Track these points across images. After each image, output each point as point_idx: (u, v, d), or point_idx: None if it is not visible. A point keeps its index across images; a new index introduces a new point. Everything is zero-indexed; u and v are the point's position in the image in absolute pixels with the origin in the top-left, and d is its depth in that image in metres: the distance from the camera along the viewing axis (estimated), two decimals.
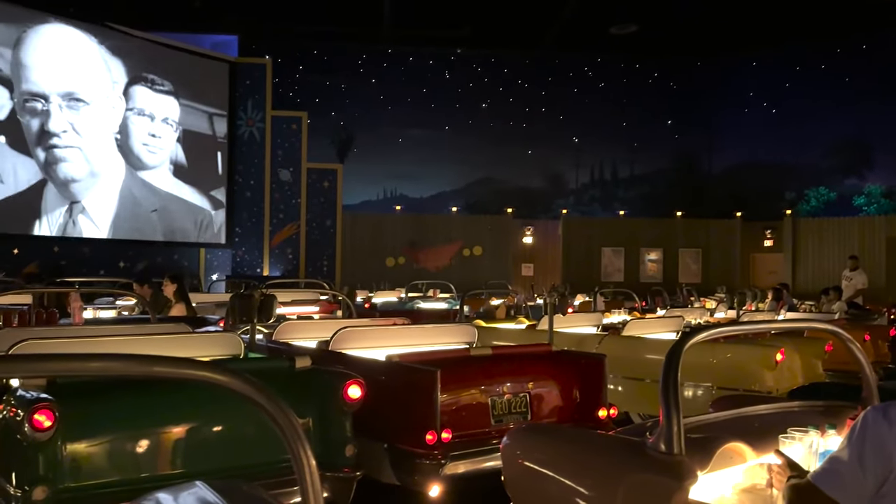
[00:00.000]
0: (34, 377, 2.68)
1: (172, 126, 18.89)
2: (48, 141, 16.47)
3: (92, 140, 17.22)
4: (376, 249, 21.99)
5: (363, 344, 4.93)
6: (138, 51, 18.12)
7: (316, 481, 1.28)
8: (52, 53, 16.57)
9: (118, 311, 8.92)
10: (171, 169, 18.94)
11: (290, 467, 3.40)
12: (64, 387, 3.01)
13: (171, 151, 18.94)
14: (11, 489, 2.93)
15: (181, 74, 18.92)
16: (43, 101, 16.33)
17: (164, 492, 1.68)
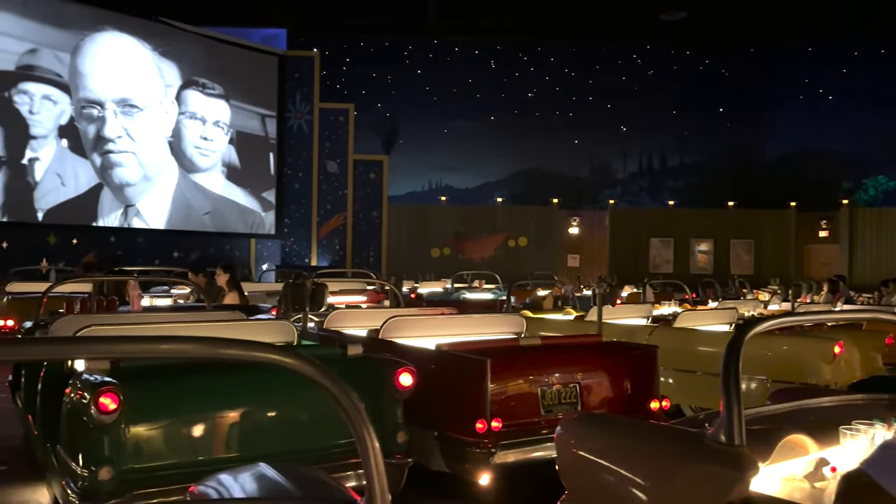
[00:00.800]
0: (111, 358, 2.77)
1: (224, 128, 19.29)
2: (103, 146, 16.99)
3: (146, 145, 17.70)
4: (421, 240, 22.09)
5: (412, 333, 4.97)
6: (190, 53, 18.47)
7: (380, 462, 1.31)
8: (108, 61, 17.04)
9: (174, 299, 9.16)
10: (224, 171, 19.37)
11: (346, 451, 3.47)
12: (127, 371, 3.11)
13: (223, 153, 19.34)
14: (78, 469, 3.04)
15: (231, 72, 19.27)
16: (98, 108, 16.87)
17: (227, 473, 1.72)
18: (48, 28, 16.16)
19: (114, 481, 2.92)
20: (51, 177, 16.36)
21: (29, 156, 16.03)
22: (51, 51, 16.26)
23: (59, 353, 1.25)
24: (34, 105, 16.07)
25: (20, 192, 15.85)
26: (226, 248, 19.52)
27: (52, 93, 16.32)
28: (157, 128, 17.92)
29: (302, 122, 20.81)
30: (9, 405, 6.28)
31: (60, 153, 16.46)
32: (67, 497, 3.02)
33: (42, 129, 16.22)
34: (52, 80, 16.32)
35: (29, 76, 16.01)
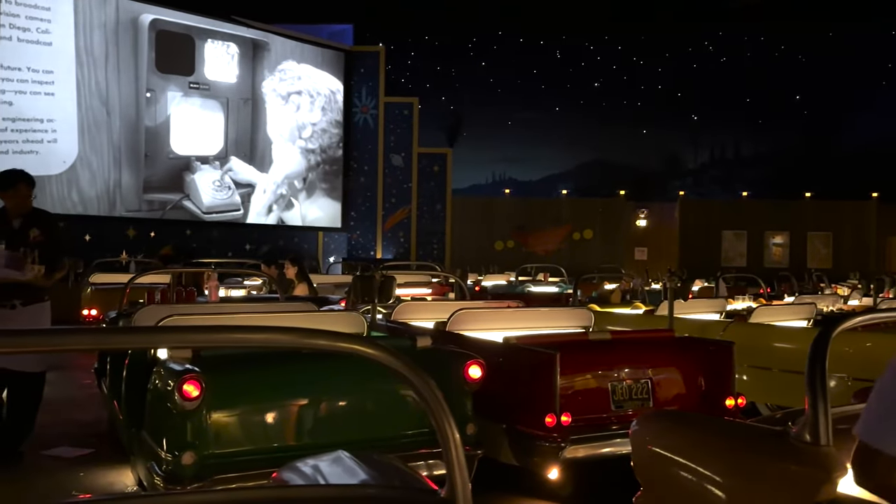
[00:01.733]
0: (203, 347, 2.87)
1: (296, 122, 19.69)
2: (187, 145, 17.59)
3: (220, 140, 18.20)
4: (485, 233, 22.08)
5: (479, 325, 4.97)
6: (264, 50, 18.88)
7: (461, 453, 1.31)
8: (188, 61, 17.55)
9: (247, 290, 9.44)
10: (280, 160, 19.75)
11: (416, 440, 3.50)
12: (209, 359, 3.22)
13: (296, 147, 19.75)
14: (162, 453, 3.17)
15: (302, 67, 19.68)
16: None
17: (307, 460, 1.76)
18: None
19: (196, 466, 3.03)
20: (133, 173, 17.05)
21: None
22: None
23: (155, 342, 1.30)
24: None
25: (103, 187, 16.53)
26: (294, 240, 19.96)
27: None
28: (236, 123, 18.44)
29: (367, 116, 21.07)
30: (95, 391, 6.61)
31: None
32: (152, 480, 3.15)
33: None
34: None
35: None
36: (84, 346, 1.13)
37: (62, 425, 5.69)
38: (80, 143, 15.80)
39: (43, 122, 15.26)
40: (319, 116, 20.19)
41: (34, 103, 15.18)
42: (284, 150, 19.44)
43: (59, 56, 15.37)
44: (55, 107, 15.39)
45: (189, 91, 17.42)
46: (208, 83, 17.70)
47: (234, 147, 18.35)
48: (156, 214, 17.16)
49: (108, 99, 16.09)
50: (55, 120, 15.40)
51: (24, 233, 4.65)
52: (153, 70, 16.76)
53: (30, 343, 1.15)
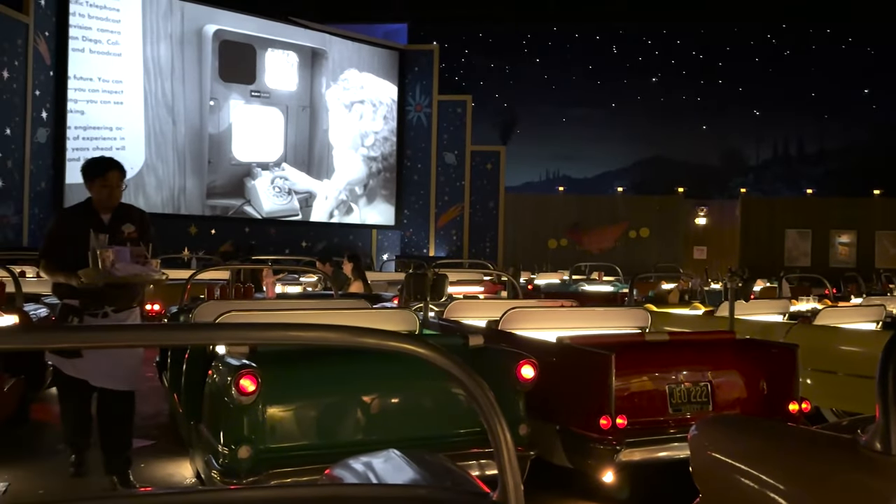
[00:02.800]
0: (259, 344, 2.91)
1: (352, 122, 19.98)
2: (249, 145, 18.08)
3: (279, 141, 18.64)
4: (538, 231, 21.91)
5: (532, 325, 4.92)
6: (321, 51, 19.18)
7: (513, 455, 1.29)
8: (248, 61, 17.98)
9: (303, 286, 9.58)
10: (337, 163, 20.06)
11: (466, 440, 3.48)
12: (265, 355, 3.27)
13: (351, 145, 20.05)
14: (219, 447, 3.23)
15: (357, 67, 19.92)
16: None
17: (360, 458, 1.76)
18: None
19: (252, 460, 3.09)
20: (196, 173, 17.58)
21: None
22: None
23: (211, 338, 1.32)
24: None
25: (168, 193, 17.09)
26: (349, 238, 20.22)
27: None
28: (295, 130, 18.79)
29: (421, 114, 21.16)
30: (156, 384, 6.81)
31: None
32: (209, 473, 3.22)
33: None
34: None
35: None
36: (145, 343, 1.15)
37: None
38: (146, 150, 16.37)
39: (112, 131, 15.88)
40: (382, 125, 20.44)
41: (104, 112, 15.82)
42: (346, 157, 19.77)
43: (127, 66, 15.96)
44: (123, 115, 15.99)
45: (250, 99, 17.89)
46: (269, 91, 18.13)
47: (292, 153, 18.74)
48: (239, 213, 17.76)
49: (174, 107, 16.63)
50: (123, 128, 16.00)
51: (117, 228, 4.01)
52: (216, 79, 17.25)
53: (94, 338, 1.18)
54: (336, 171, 19.71)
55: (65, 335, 1.14)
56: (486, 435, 1.21)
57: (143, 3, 16.12)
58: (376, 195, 20.67)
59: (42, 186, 15.94)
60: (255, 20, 17.98)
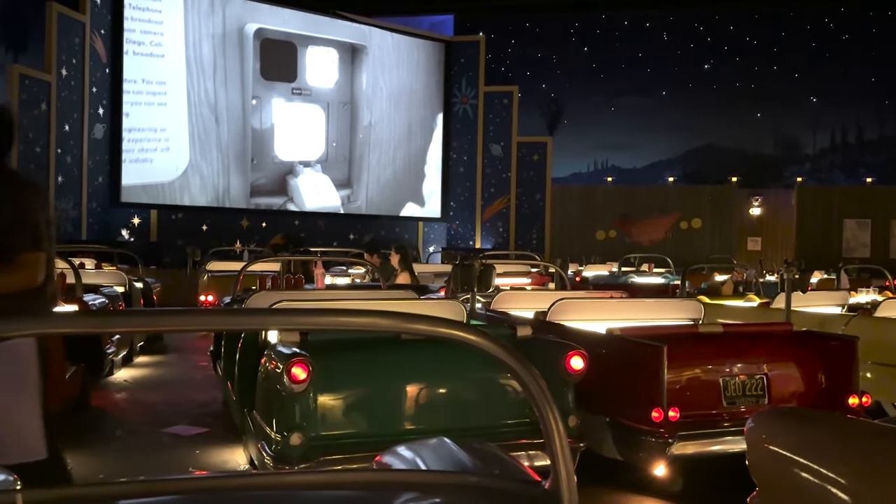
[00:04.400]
0: (311, 329, 2.94)
1: (396, 115, 20.08)
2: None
3: (320, 136, 18.82)
4: (586, 222, 21.66)
5: (581, 316, 4.86)
6: (366, 45, 19.26)
7: (565, 444, 1.27)
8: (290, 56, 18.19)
9: (351, 278, 9.68)
10: (395, 157, 20.16)
11: (520, 430, 3.46)
12: (315, 343, 3.30)
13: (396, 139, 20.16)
14: (272, 434, 3.29)
15: (403, 60, 19.97)
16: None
17: (410, 445, 1.76)
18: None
19: (303, 447, 3.13)
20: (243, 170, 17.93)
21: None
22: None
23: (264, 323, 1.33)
24: None
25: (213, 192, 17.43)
26: (396, 230, 20.33)
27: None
28: (337, 126, 18.95)
29: (467, 106, 21.11)
30: (210, 373, 6.97)
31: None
32: (263, 459, 3.28)
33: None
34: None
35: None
36: (203, 327, 1.17)
37: (181, 405, 6.04)
38: (190, 150, 16.63)
39: (157, 132, 16.18)
40: (426, 118, 20.51)
41: (148, 114, 16.13)
42: (389, 151, 19.82)
43: (170, 67, 16.21)
44: (168, 116, 16.26)
45: (291, 97, 17.95)
46: (310, 88, 18.17)
47: (334, 150, 18.85)
48: (289, 205, 18.03)
49: (217, 107, 16.78)
50: (168, 129, 16.28)
51: None
52: (258, 78, 17.34)
53: (150, 323, 1.20)
54: (379, 166, 19.77)
55: (124, 319, 1.16)
56: (535, 425, 1.20)
57: (185, 4, 16.35)
58: (422, 188, 20.74)
59: (99, 181, 16.45)
60: (296, 17, 18.03)
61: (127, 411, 5.83)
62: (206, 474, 3.19)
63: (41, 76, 14.64)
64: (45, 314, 1.11)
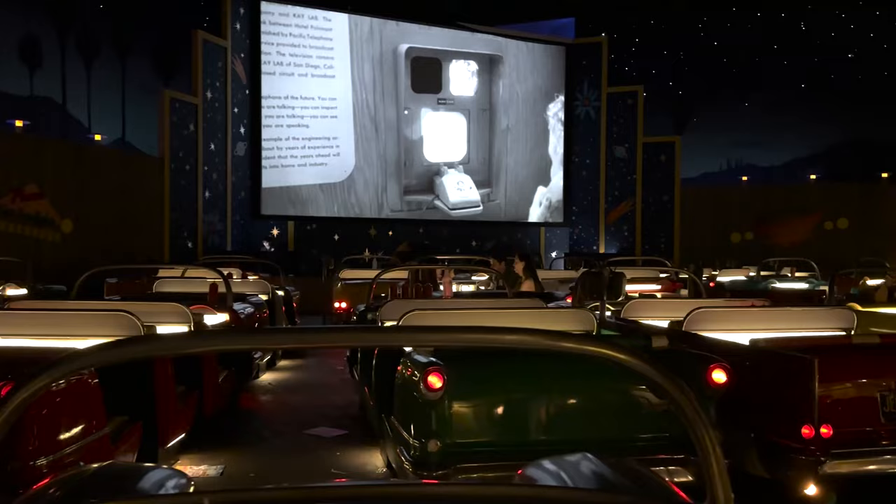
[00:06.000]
0: (459, 347, 3.01)
1: (515, 119, 20.26)
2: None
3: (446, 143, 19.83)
4: (719, 224, 20.67)
5: (720, 326, 4.66)
6: (504, 63, 19.87)
7: (722, 464, 1.24)
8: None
9: (476, 285, 9.78)
10: (513, 162, 20.34)
11: (657, 445, 3.38)
12: (450, 352, 3.37)
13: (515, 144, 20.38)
14: (410, 440, 3.39)
15: (523, 65, 20.11)
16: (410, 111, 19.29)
17: (554, 459, 1.76)
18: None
19: (440, 454, 3.21)
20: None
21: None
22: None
23: (418, 340, 1.39)
24: None
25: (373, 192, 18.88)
26: (517, 236, 20.34)
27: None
28: (477, 131, 19.69)
29: (589, 108, 20.80)
30: (347, 377, 7.27)
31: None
32: (401, 464, 3.39)
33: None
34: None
35: None
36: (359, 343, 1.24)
37: (320, 407, 6.34)
38: (355, 155, 18.52)
39: (329, 140, 18.25)
40: (549, 122, 20.61)
41: (322, 125, 18.18)
42: (519, 155, 20.43)
43: (339, 85, 18.29)
44: (337, 127, 18.31)
45: (437, 106, 19.50)
46: (453, 98, 19.66)
47: (474, 152, 19.92)
48: (414, 214, 19.38)
49: (376, 118, 18.75)
50: (338, 137, 18.33)
51: None
52: (409, 91, 19.14)
53: (291, 340, 1.27)
54: (510, 168, 20.29)
55: (270, 337, 1.24)
56: (673, 440, 1.18)
57: (349, 30, 18.31)
58: (545, 192, 20.70)
59: (242, 195, 17.60)
60: (441, 35, 19.40)
61: (272, 413, 6.20)
62: (367, 482, 3.34)
63: (189, 99, 15.87)
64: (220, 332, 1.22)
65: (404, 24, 19.00)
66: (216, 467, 4.57)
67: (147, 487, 1.60)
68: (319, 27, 18.02)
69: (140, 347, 1.22)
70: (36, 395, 1.16)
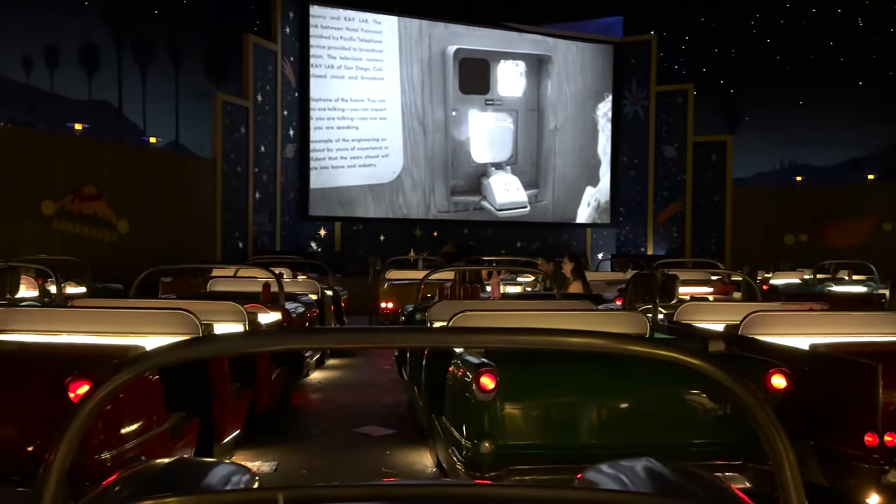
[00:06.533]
0: (523, 350, 3.02)
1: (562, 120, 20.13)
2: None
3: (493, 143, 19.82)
4: (772, 226, 20.16)
5: (778, 330, 4.55)
6: (553, 63, 19.79)
7: (796, 473, 1.21)
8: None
9: (522, 286, 9.74)
10: (559, 163, 20.23)
11: (714, 451, 3.32)
12: (501, 353, 3.36)
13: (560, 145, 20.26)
14: (462, 440, 3.40)
15: (569, 64, 19.97)
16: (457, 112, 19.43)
17: (614, 464, 1.74)
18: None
19: (493, 455, 3.21)
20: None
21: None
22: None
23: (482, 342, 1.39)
24: None
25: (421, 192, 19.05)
26: (563, 237, 20.18)
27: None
28: (525, 132, 19.68)
29: (637, 107, 20.52)
30: (395, 376, 7.33)
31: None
32: (453, 464, 3.39)
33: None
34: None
35: None
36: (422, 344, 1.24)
37: (369, 406, 6.41)
38: (404, 157, 18.69)
39: (378, 142, 18.49)
40: (598, 121, 20.46)
41: (372, 126, 18.42)
42: (566, 155, 20.30)
43: (388, 87, 18.49)
44: (386, 128, 18.52)
45: (485, 107, 19.53)
46: (501, 99, 19.63)
47: (522, 152, 19.88)
48: (461, 215, 19.44)
49: (424, 119, 18.90)
50: (386, 139, 18.55)
51: None
52: (457, 92, 19.24)
53: (353, 340, 1.27)
54: (557, 169, 20.19)
55: (322, 336, 1.25)
56: (729, 446, 1.15)
57: (399, 33, 18.50)
58: (594, 193, 20.51)
59: (291, 196, 17.88)
60: (489, 36, 19.39)
61: (322, 411, 6.29)
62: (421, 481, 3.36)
63: (240, 102, 16.19)
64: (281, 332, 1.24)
65: (453, 26, 19.10)
66: (270, 463, 4.65)
67: (214, 483, 1.63)
68: (370, 30, 18.24)
69: (213, 346, 1.24)
70: (117, 391, 1.20)
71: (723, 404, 3.48)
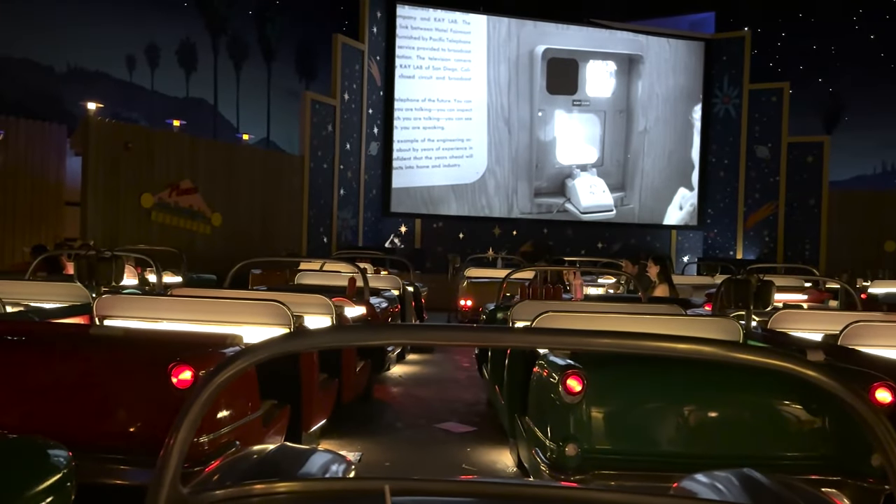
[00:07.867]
0: (628, 353, 3.00)
1: (649, 118, 19.68)
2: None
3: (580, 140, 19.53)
4: (872, 231, 19.07)
5: (882, 342, 4.31)
6: (644, 63, 19.47)
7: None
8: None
9: (604, 288, 9.58)
10: (645, 163, 19.78)
11: (809, 465, 3.18)
12: (588, 355, 3.32)
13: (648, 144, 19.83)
14: (547, 442, 3.38)
15: (667, 64, 19.51)
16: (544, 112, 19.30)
17: (711, 473, 1.70)
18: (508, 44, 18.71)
19: (578, 458, 3.17)
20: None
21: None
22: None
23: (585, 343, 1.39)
24: None
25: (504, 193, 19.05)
26: (647, 238, 19.71)
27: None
28: (613, 133, 19.40)
29: (729, 106, 19.80)
30: (474, 374, 7.35)
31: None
32: (537, 465, 3.38)
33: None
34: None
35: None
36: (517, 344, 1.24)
37: (449, 402, 6.45)
38: (488, 157, 18.78)
39: (463, 142, 18.65)
40: (688, 121, 19.93)
41: (457, 127, 18.60)
42: (655, 156, 19.86)
43: (475, 88, 18.64)
44: (471, 129, 18.67)
45: (571, 108, 19.31)
46: (588, 99, 19.39)
47: (609, 155, 19.59)
48: (544, 217, 19.28)
49: (510, 120, 18.90)
50: (471, 139, 18.70)
51: None
52: (544, 93, 19.09)
53: (430, 336, 1.28)
54: (646, 172, 19.76)
55: (421, 333, 1.26)
56: (826, 460, 1.09)
57: (487, 32, 18.56)
58: (687, 196, 19.96)
59: (373, 193, 18.20)
60: (579, 35, 19.15)
61: (403, 405, 6.38)
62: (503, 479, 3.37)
63: (328, 101, 16.59)
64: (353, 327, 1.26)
65: (542, 25, 18.96)
66: (354, 454, 4.76)
67: (315, 471, 1.69)
68: (458, 30, 18.33)
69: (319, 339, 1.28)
70: (233, 378, 1.26)
71: (820, 417, 3.33)
